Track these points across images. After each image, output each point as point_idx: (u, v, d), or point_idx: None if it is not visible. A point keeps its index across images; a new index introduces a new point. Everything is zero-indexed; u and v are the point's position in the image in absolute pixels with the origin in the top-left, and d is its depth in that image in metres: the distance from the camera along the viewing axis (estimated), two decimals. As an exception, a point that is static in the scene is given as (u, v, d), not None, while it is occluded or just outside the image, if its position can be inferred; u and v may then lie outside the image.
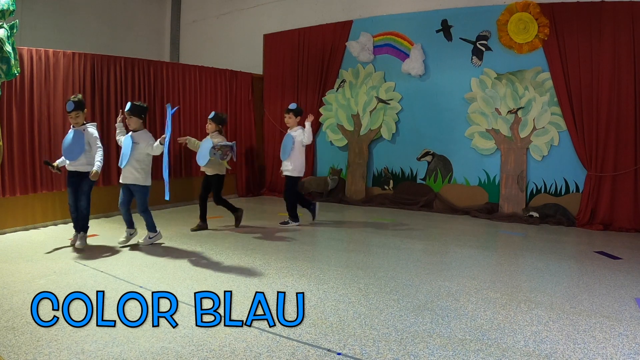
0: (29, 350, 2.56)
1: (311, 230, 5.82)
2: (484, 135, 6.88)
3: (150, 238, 4.90)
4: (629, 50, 5.89)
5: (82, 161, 4.63)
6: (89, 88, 6.17)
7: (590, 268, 4.28)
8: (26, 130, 5.56)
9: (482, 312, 3.19)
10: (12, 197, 5.46)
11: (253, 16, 9.36)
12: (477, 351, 2.62)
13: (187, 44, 10.48)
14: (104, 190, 6.30)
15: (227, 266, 4.20)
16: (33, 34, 7.91)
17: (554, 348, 2.66)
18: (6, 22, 3.84)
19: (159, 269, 4.06)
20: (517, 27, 6.49)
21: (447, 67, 7.17)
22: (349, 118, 7.97)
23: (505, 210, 6.67)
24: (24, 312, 3.02)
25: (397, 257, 4.57)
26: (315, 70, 8.27)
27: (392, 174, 7.76)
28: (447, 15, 7.12)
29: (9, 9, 3.79)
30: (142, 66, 6.94)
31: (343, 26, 8.02)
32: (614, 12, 5.94)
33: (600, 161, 6.12)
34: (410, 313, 3.17)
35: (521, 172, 6.63)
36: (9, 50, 3.80)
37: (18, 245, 4.87)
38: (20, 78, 5.40)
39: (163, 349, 2.61)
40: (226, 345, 2.67)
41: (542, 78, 6.46)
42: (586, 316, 3.14)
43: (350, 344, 2.69)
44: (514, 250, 5.01)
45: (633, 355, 2.59)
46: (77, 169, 4.67)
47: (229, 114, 8.29)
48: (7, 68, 3.84)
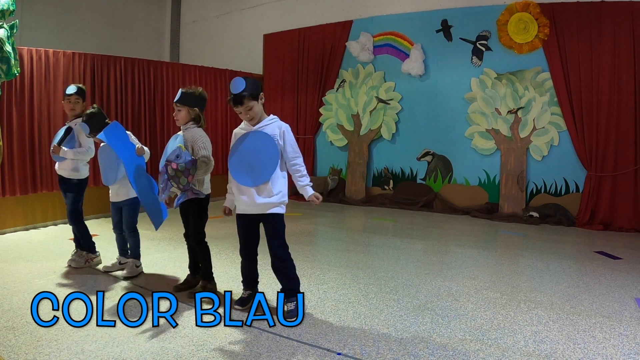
0: (29, 350, 2.56)
1: (311, 230, 5.82)
2: (484, 135, 6.88)
3: (137, 267, 3.98)
4: (629, 50, 5.89)
5: (68, 164, 4.05)
6: (89, 88, 6.16)
7: (590, 268, 4.28)
8: (26, 130, 5.56)
9: (482, 312, 3.19)
10: (12, 197, 5.46)
11: (253, 16, 9.36)
12: (477, 351, 2.62)
13: (187, 44, 10.48)
14: (104, 190, 6.28)
15: (227, 266, 4.20)
16: (33, 34, 7.91)
17: (554, 348, 2.66)
18: (6, 22, 3.83)
19: (159, 269, 4.06)
20: (517, 27, 6.49)
21: (447, 67, 7.17)
22: (349, 118, 7.97)
23: (505, 210, 6.67)
24: (24, 312, 3.02)
25: (397, 257, 4.57)
26: (315, 70, 8.26)
27: (392, 174, 7.76)
28: (447, 15, 7.12)
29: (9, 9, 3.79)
30: (142, 66, 6.94)
31: (343, 26, 8.02)
32: (614, 12, 5.94)
33: (600, 161, 6.12)
34: (410, 313, 3.17)
35: (521, 172, 6.63)
36: (9, 50, 3.80)
37: (18, 245, 4.87)
38: (20, 78, 5.40)
39: (163, 349, 2.61)
40: (226, 345, 2.67)
41: (542, 78, 6.46)
42: (586, 316, 3.14)
43: (350, 344, 2.69)
44: (514, 250, 5.01)
45: (633, 355, 2.59)
46: (61, 174, 4.11)
47: (229, 114, 8.29)
48: (7, 68, 3.84)
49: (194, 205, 3.40)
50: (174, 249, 4.74)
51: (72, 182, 4.07)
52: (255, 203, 2.99)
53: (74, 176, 4.06)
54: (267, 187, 2.97)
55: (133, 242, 3.95)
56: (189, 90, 3.41)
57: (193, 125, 3.39)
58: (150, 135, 7.04)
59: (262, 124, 3.04)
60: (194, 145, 3.31)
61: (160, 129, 7.19)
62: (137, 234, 3.96)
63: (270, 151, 2.98)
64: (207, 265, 3.51)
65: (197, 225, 3.46)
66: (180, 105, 3.37)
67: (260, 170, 2.97)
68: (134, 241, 3.95)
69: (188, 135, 3.35)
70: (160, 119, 7.19)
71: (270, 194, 2.98)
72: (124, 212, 3.92)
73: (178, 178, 3.11)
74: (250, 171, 2.98)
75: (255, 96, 2.99)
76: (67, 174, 4.05)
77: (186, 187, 3.16)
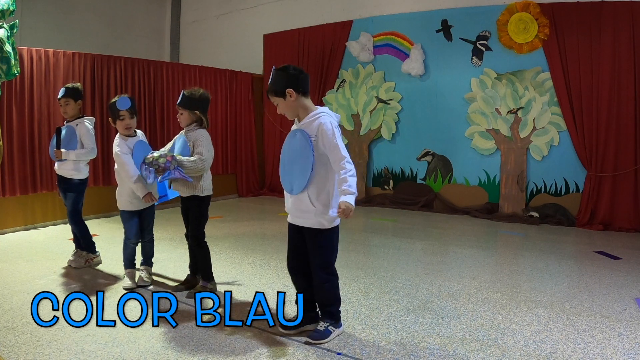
0: (29, 350, 2.56)
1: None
2: (484, 135, 6.88)
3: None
4: (629, 50, 5.89)
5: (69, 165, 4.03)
6: (89, 88, 6.16)
7: (590, 268, 4.28)
8: (26, 130, 5.56)
9: (482, 312, 3.19)
10: (12, 197, 5.46)
11: (253, 16, 9.35)
12: (477, 351, 2.62)
13: (187, 44, 10.48)
14: (105, 190, 6.29)
15: (227, 266, 4.20)
16: (33, 34, 7.91)
17: (554, 348, 2.66)
18: (6, 22, 3.84)
19: (159, 269, 4.06)
20: (517, 27, 6.49)
21: (447, 67, 7.17)
22: (349, 118, 7.97)
23: (505, 210, 6.67)
24: (24, 312, 3.02)
25: (397, 257, 4.57)
26: (315, 70, 8.26)
27: (392, 174, 7.75)
28: (447, 15, 7.12)
29: (9, 9, 3.79)
30: (142, 66, 6.94)
31: (343, 26, 8.02)
32: (614, 12, 5.94)
33: (600, 161, 6.12)
34: (410, 313, 3.17)
35: (521, 172, 6.63)
36: (9, 50, 3.80)
37: (18, 245, 4.86)
38: (20, 78, 5.40)
39: (163, 349, 2.61)
40: (226, 345, 2.67)
41: (542, 78, 6.46)
42: (586, 316, 3.14)
43: (350, 344, 2.69)
44: (514, 250, 5.01)
45: (633, 355, 2.59)
46: (61, 174, 4.07)
47: (229, 114, 8.29)
48: (7, 68, 3.84)
49: (194, 205, 3.40)
50: (173, 249, 4.74)
51: (73, 182, 4.05)
52: (295, 211, 2.71)
53: (75, 176, 4.04)
54: (305, 195, 2.63)
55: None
56: (190, 92, 3.40)
57: (196, 127, 3.41)
58: (150, 135, 7.02)
59: (304, 121, 2.65)
60: (195, 145, 3.34)
61: (160, 129, 7.18)
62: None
63: (304, 154, 2.59)
64: (206, 265, 3.50)
65: (197, 225, 3.44)
66: (181, 109, 3.38)
67: (296, 176, 2.64)
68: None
69: (191, 136, 3.38)
70: (160, 119, 7.19)
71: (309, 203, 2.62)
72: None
73: (157, 161, 3.20)
74: (290, 176, 2.68)
75: (279, 92, 2.63)
76: (68, 174, 4.03)
77: (167, 165, 3.18)
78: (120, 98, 3.51)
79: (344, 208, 2.49)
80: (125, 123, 3.53)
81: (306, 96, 2.69)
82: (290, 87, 2.61)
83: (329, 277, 2.72)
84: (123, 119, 3.52)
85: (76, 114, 4.07)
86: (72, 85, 4.06)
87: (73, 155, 3.95)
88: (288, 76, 2.63)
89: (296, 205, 2.69)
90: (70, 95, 3.99)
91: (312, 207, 2.61)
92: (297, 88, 2.62)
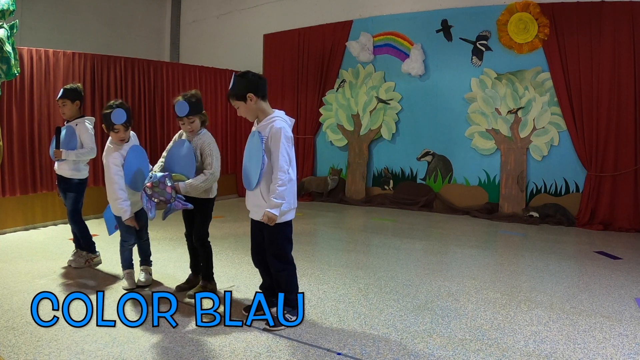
0: (29, 350, 2.56)
1: (311, 230, 5.82)
2: (484, 135, 6.89)
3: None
4: (629, 50, 5.89)
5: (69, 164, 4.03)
6: (89, 88, 6.16)
7: (590, 268, 4.28)
8: (26, 130, 5.56)
9: (482, 312, 3.19)
10: (12, 197, 5.46)
11: (253, 16, 9.35)
12: (477, 351, 2.62)
13: (187, 44, 10.47)
14: (105, 190, 6.27)
15: (227, 266, 4.20)
16: (33, 34, 7.90)
17: (554, 348, 2.66)
18: (6, 22, 3.84)
19: (159, 269, 4.06)
20: (517, 27, 6.49)
21: (447, 67, 7.17)
22: (349, 118, 7.97)
23: (505, 210, 6.67)
24: (24, 312, 3.02)
25: (397, 257, 4.57)
26: (315, 70, 8.26)
27: (392, 174, 7.75)
28: (447, 15, 7.12)
29: (9, 9, 3.80)
30: (142, 66, 6.94)
31: (343, 26, 8.02)
32: (614, 12, 5.94)
33: (600, 161, 6.12)
34: (410, 313, 3.17)
35: (521, 172, 6.63)
36: (9, 50, 3.80)
37: (18, 245, 4.86)
38: (20, 78, 5.40)
39: (163, 349, 2.61)
40: (226, 345, 2.67)
41: (542, 78, 6.46)
42: (586, 316, 3.14)
43: (350, 344, 2.69)
44: (514, 250, 5.01)
45: (633, 355, 2.59)
46: (61, 174, 4.06)
47: (229, 114, 8.29)
48: (7, 68, 3.85)
49: (201, 207, 3.39)
50: (173, 249, 4.74)
51: (73, 182, 4.05)
52: (251, 206, 2.92)
53: (75, 176, 4.04)
54: (258, 191, 2.82)
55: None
56: (191, 97, 3.31)
57: (201, 130, 3.39)
58: (150, 135, 7.04)
59: (262, 123, 2.87)
60: (202, 151, 3.30)
61: (160, 129, 7.18)
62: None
63: (258, 153, 2.78)
64: (208, 265, 3.50)
65: (203, 226, 3.45)
66: (192, 117, 3.29)
67: (252, 173, 2.83)
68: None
69: (197, 142, 3.32)
70: (160, 119, 7.19)
71: (261, 198, 2.82)
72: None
73: (157, 193, 3.11)
74: (247, 173, 2.89)
75: (240, 96, 2.81)
76: (68, 174, 4.02)
77: (168, 197, 3.11)
78: (115, 111, 3.39)
79: (266, 218, 2.76)
80: (119, 136, 3.47)
81: (265, 100, 2.90)
82: (250, 91, 2.82)
83: (285, 266, 2.92)
84: (117, 131, 3.44)
85: (75, 114, 4.05)
86: (70, 86, 4.03)
87: (73, 155, 3.94)
88: (248, 81, 2.83)
89: (252, 201, 2.90)
90: (67, 97, 3.96)
91: (264, 202, 2.80)
92: (257, 92, 2.83)
